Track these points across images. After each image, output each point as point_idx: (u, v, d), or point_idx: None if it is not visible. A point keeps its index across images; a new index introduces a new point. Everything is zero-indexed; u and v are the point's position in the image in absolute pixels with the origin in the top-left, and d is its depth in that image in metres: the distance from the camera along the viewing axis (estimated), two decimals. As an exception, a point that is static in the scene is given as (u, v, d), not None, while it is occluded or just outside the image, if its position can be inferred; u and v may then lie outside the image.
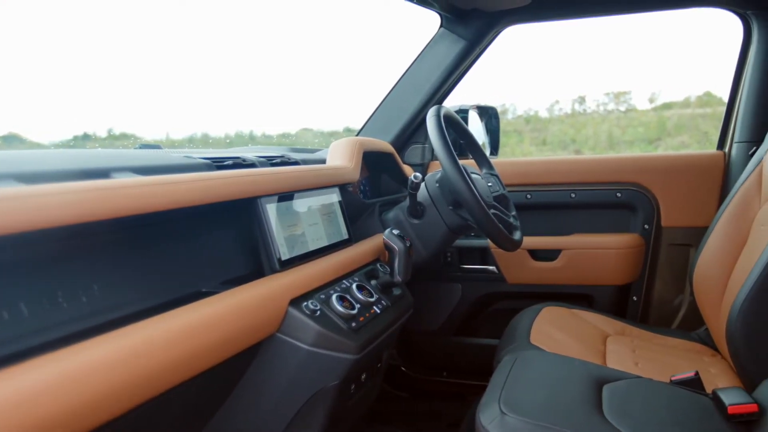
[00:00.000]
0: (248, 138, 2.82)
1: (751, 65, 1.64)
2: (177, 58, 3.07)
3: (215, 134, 2.60)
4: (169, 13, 2.84)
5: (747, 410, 0.98)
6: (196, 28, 3.05)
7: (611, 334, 1.53)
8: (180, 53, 3.12)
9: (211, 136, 2.51)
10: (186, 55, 3.18)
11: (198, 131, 2.49)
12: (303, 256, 1.08)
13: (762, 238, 1.26)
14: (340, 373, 1.01)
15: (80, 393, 0.59)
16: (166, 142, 1.82)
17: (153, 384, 0.70)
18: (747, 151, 1.64)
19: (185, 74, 3.17)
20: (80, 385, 0.59)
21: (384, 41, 6.31)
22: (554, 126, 6.66)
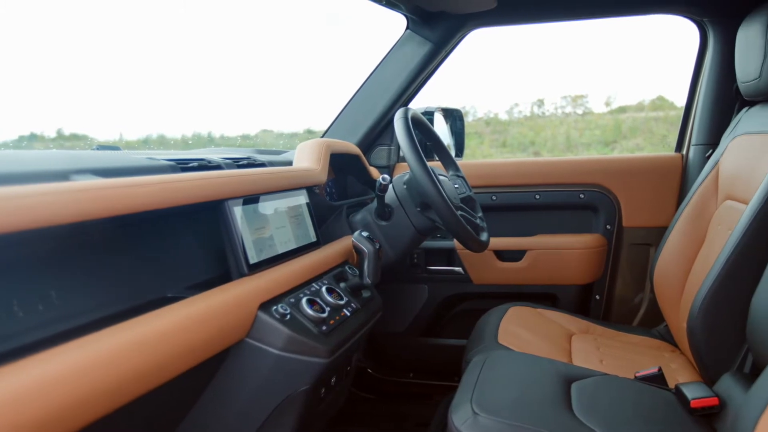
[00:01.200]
0: (207, 139, 2.77)
1: (707, 71, 1.70)
2: (129, 57, 2.98)
3: (172, 135, 2.54)
4: (123, 11, 2.76)
5: (708, 404, 1.01)
6: (150, 28, 2.97)
7: (576, 333, 1.56)
8: (132, 53, 3.04)
9: (167, 137, 2.45)
10: (139, 55, 3.10)
11: (153, 132, 2.43)
12: (271, 259, 1.06)
13: (719, 237, 1.30)
14: (311, 378, 1.00)
15: (39, 407, 0.56)
16: (120, 143, 1.77)
17: (117, 395, 0.67)
18: (704, 153, 1.70)
19: (139, 74, 3.08)
20: (39, 400, 0.56)
21: (346, 42, 6.29)
22: (514, 128, 6.78)
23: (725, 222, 1.31)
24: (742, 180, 1.28)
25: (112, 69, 2.79)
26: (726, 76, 1.64)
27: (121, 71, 2.88)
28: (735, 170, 1.33)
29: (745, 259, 1.12)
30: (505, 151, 6.33)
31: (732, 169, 1.35)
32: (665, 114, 6.47)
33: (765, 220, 1.09)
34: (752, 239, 1.11)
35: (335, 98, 1.95)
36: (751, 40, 1.26)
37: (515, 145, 6.44)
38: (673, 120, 6.35)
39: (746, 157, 1.30)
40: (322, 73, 5.84)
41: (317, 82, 5.35)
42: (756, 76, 1.25)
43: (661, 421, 0.98)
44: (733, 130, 1.44)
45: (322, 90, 5.35)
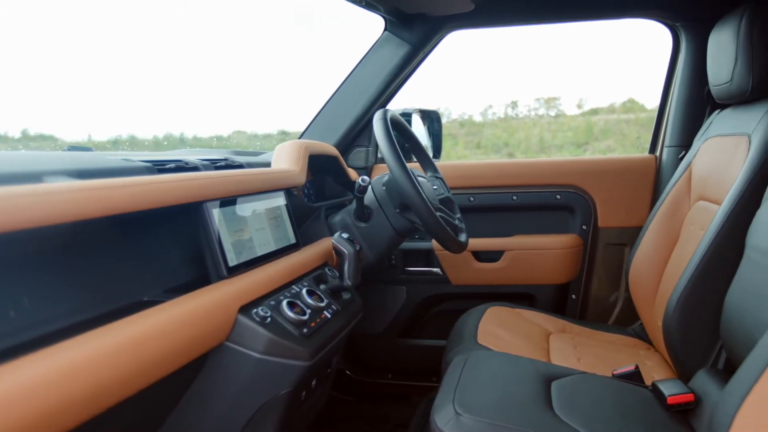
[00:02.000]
0: (179, 140, 2.72)
1: (680, 74, 1.74)
2: (97, 56, 2.91)
3: (142, 136, 2.49)
4: (91, 9, 2.70)
5: (684, 400, 1.04)
6: (119, 26, 2.91)
7: (553, 332, 1.58)
8: (98, 51, 2.96)
9: (138, 138, 2.40)
10: (106, 54, 3.02)
11: (123, 133, 2.38)
12: (251, 261, 1.05)
13: (692, 237, 1.33)
14: (292, 381, 0.99)
15: (8, 419, 0.54)
16: (88, 144, 1.72)
17: (91, 405, 0.65)
18: (677, 155, 1.74)
19: (107, 73, 3.01)
20: (8, 411, 0.54)
21: (321, 43, 6.27)
22: (488, 130, 6.83)
23: (698, 222, 1.33)
24: (714, 181, 1.31)
25: (78, 68, 2.72)
26: (698, 80, 1.68)
27: (88, 70, 2.82)
28: (707, 171, 1.37)
29: (719, 259, 1.14)
30: (480, 153, 6.37)
31: (704, 170, 1.38)
32: (636, 116, 6.60)
33: (737, 220, 1.12)
34: (725, 239, 1.14)
35: (309, 99, 1.93)
36: (722, 45, 1.30)
37: (489, 147, 6.50)
38: (643, 122, 6.50)
39: (718, 159, 1.33)
40: (297, 75, 5.80)
41: (291, 83, 5.32)
42: (727, 79, 1.28)
43: (640, 418, 1.00)
44: (705, 132, 1.47)
45: (296, 91, 5.32)
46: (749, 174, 1.13)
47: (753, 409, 0.68)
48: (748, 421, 0.69)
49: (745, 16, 1.21)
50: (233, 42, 4.47)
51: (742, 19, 1.21)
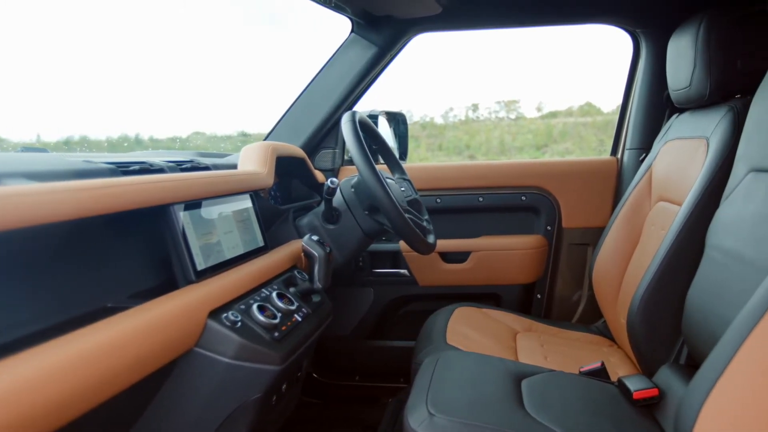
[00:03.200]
0: (134, 141, 2.65)
1: (640, 79, 1.79)
2: (42, 53, 2.79)
3: (95, 137, 2.40)
4: (38, 3, 2.59)
5: (649, 395, 1.07)
6: (67, 20, 2.79)
7: (520, 331, 1.60)
8: (46, 48, 2.84)
9: (90, 138, 2.32)
10: (55, 51, 2.90)
11: (74, 133, 2.29)
12: (219, 265, 1.03)
13: (653, 236, 1.38)
14: (263, 386, 0.97)
15: None
16: (38, 145, 1.66)
17: (52, 418, 0.62)
18: (637, 157, 1.79)
19: (56, 71, 2.89)
20: None
21: (283, 44, 6.21)
22: (449, 132, 6.90)
23: (659, 222, 1.38)
24: (674, 182, 1.35)
25: (23, 65, 2.60)
26: (657, 84, 1.74)
27: (35, 68, 2.70)
28: (667, 173, 1.41)
29: (680, 258, 1.18)
30: (441, 155, 6.44)
31: (664, 172, 1.43)
32: (593, 119, 6.79)
33: (697, 220, 1.16)
34: (686, 238, 1.18)
35: (270, 101, 1.91)
36: (681, 51, 1.34)
37: (451, 149, 6.56)
38: (599, 125, 6.68)
39: (677, 161, 1.37)
40: (257, 76, 5.73)
41: (251, 85, 5.24)
42: (686, 84, 1.32)
43: (607, 414, 1.02)
44: (665, 135, 1.52)
45: (256, 92, 5.24)
46: (708, 175, 1.17)
47: (717, 403, 0.71)
48: (713, 415, 0.71)
49: (702, 23, 1.25)
50: (190, 41, 4.38)
51: (700, 27, 1.26)
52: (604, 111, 6.51)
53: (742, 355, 0.69)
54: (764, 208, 0.94)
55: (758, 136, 1.04)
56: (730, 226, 1.04)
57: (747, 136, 1.09)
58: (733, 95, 1.26)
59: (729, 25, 1.23)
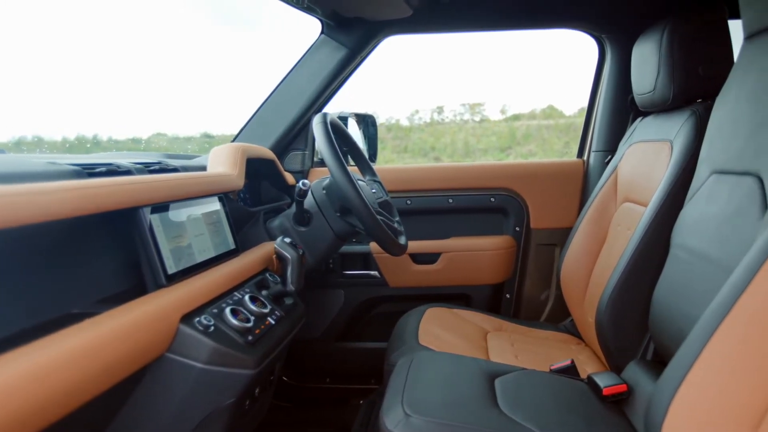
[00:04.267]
0: (92, 142, 2.57)
1: (605, 83, 1.84)
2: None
3: (50, 137, 2.31)
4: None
5: (618, 390, 1.10)
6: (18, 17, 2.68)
7: (490, 331, 1.62)
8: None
9: (44, 139, 2.24)
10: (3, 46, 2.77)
11: (27, 133, 2.21)
12: (190, 268, 1.01)
13: (619, 236, 1.41)
14: (237, 390, 0.96)
15: None
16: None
17: (17, 429, 0.60)
18: (603, 159, 1.83)
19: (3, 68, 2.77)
20: None
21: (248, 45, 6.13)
22: (415, 134, 6.95)
23: (624, 222, 1.41)
24: (639, 184, 1.39)
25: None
26: (622, 88, 1.79)
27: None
28: (632, 175, 1.45)
29: (646, 257, 1.22)
30: (407, 157, 6.47)
31: (629, 173, 1.47)
32: (555, 122, 6.93)
33: (663, 220, 1.20)
34: (652, 238, 1.21)
35: (234, 102, 1.87)
36: (645, 56, 1.38)
37: (416, 151, 6.60)
38: (562, 128, 6.82)
39: (642, 163, 1.41)
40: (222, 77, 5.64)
41: (215, 85, 5.15)
42: (650, 89, 1.37)
43: (579, 410, 1.05)
44: (629, 138, 1.56)
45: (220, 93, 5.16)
46: (673, 177, 1.21)
47: (686, 398, 0.73)
48: (682, 409, 0.73)
49: (666, 30, 1.30)
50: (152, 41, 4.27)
51: (664, 33, 1.30)
52: (566, 114, 6.65)
53: (708, 351, 0.72)
54: (727, 208, 0.98)
55: (720, 139, 1.08)
56: (695, 226, 1.07)
57: (709, 139, 1.13)
58: (696, 99, 1.31)
59: (691, 32, 1.27)
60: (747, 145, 0.97)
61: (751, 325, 0.68)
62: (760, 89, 0.96)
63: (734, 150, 1.01)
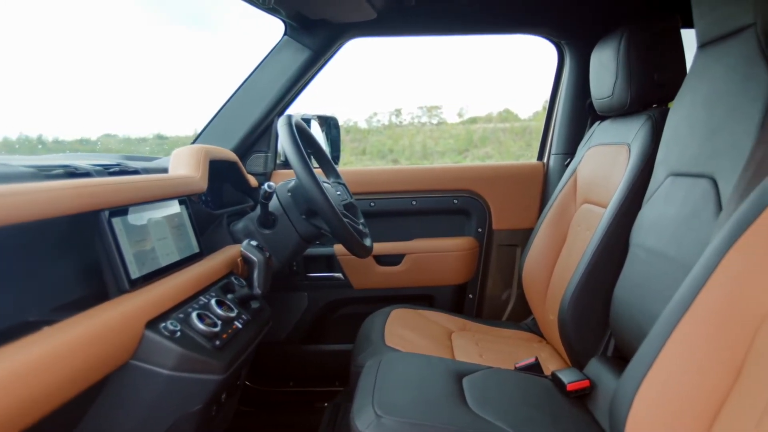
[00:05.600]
0: (37, 143, 2.47)
1: (564, 87, 1.89)
2: None
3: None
4: None
5: (582, 386, 1.13)
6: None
7: (455, 330, 1.64)
8: None
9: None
10: None
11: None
12: (154, 273, 0.99)
13: (579, 236, 1.45)
14: (204, 397, 0.94)
15: None
16: None
17: None
18: (563, 162, 1.88)
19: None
20: None
21: (202, 45, 6.01)
22: (373, 137, 6.96)
23: (584, 223, 1.46)
24: (597, 186, 1.44)
25: None
26: (580, 93, 1.84)
27: None
28: (591, 177, 1.50)
29: (607, 257, 1.26)
30: (365, 159, 6.47)
31: (588, 176, 1.51)
32: (511, 125, 7.07)
33: (622, 221, 1.24)
34: (612, 238, 1.25)
35: (189, 103, 1.83)
36: (604, 62, 1.43)
37: (375, 153, 6.62)
38: (518, 131, 6.96)
39: (601, 166, 1.46)
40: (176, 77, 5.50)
41: (169, 86, 5.02)
42: (609, 94, 1.41)
43: (544, 406, 1.07)
44: (588, 141, 1.61)
45: (174, 94, 5.02)
46: (631, 179, 1.25)
47: (649, 392, 0.76)
48: (645, 403, 0.76)
49: (623, 38, 1.34)
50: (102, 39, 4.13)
51: (621, 41, 1.35)
52: (521, 117, 6.80)
53: (669, 347, 0.75)
54: (683, 209, 1.02)
55: (676, 143, 1.12)
56: (653, 226, 1.12)
57: (665, 143, 1.17)
58: (651, 105, 1.36)
59: (647, 41, 1.33)
60: (702, 148, 1.01)
61: (709, 322, 0.71)
62: (714, 96, 1.01)
63: (689, 153, 1.05)
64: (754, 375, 0.64)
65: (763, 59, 0.90)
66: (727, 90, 0.97)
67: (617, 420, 0.78)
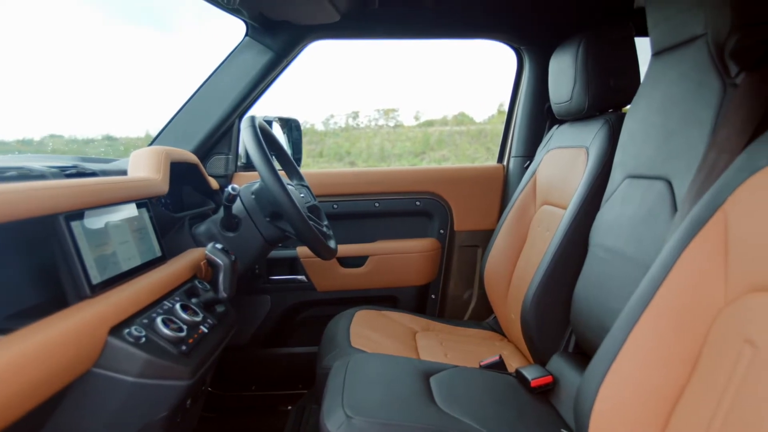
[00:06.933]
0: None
1: (523, 92, 1.93)
2: None
3: None
4: None
5: (545, 382, 1.16)
6: None
7: (419, 331, 1.65)
8: None
9: None
10: None
11: None
12: (116, 278, 0.96)
13: (539, 237, 1.49)
14: (170, 403, 0.92)
15: None
16: None
17: None
18: (522, 164, 1.93)
19: None
20: None
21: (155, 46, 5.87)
22: (330, 139, 6.96)
23: (544, 224, 1.50)
24: (556, 187, 1.48)
25: None
26: (539, 97, 1.89)
27: None
28: (550, 179, 1.54)
29: (567, 256, 1.30)
30: (322, 161, 6.46)
31: (547, 178, 1.56)
32: (467, 128, 7.19)
33: (581, 221, 1.28)
34: (572, 239, 1.29)
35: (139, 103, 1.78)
36: (562, 68, 1.47)
37: (332, 155, 6.61)
38: (473, 134, 7.08)
39: (559, 168, 1.50)
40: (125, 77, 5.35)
41: (117, 86, 4.88)
42: (567, 98, 1.46)
43: (510, 402, 1.10)
44: (547, 144, 1.66)
45: (122, 94, 4.88)
46: (590, 181, 1.30)
47: (612, 386, 0.79)
48: (608, 397, 0.79)
49: (581, 44, 1.39)
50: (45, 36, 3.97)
51: (579, 47, 1.39)
52: (476, 121, 6.92)
53: (630, 342, 0.78)
54: (640, 210, 1.06)
55: (632, 146, 1.17)
56: (611, 226, 1.16)
57: (622, 146, 1.22)
58: (608, 109, 1.41)
59: (604, 48, 1.38)
60: (657, 152, 1.06)
61: (668, 317, 0.74)
62: (668, 101, 1.06)
63: (646, 156, 1.10)
64: (710, 365, 0.68)
65: (714, 68, 0.95)
66: (681, 96, 1.02)
67: (582, 413, 0.81)
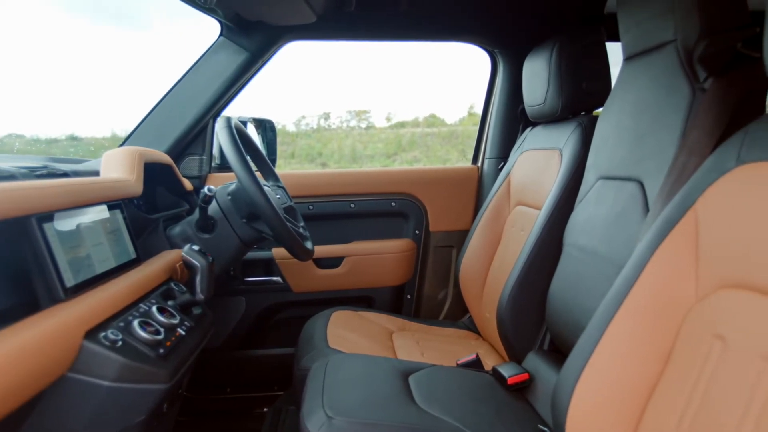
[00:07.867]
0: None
1: (497, 94, 1.96)
2: None
3: None
4: None
5: (521, 379, 1.18)
6: None
7: (395, 331, 1.66)
8: None
9: None
10: None
11: None
12: (91, 280, 0.94)
13: (514, 237, 1.52)
14: (148, 407, 0.91)
15: None
16: None
17: None
18: (496, 166, 1.95)
19: None
20: None
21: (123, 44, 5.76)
22: (302, 140, 6.92)
23: (518, 224, 1.52)
24: (530, 188, 1.51)
25: None
26: (513, 99, 1.92)
27: None
28: (524, 180, 1.56)
29: (542, 256, 1.32)
30: (294, 162, 6.42)
31: (521, 179, 1.58)
32: (438, 130, 7.23)
33: (556, 222, 1.31)
34: (547, 239, 1.32)
35: (103, 102, 1.74)
36: (536, 71, 1.50)
37: (304, 156, 6.58)
38: (444, 135, 7.13)
39: (533, 169, 1.53)
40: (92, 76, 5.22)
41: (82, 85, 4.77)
42: (541, 101, 1.48)
43: (488, 400, 1.11)
44: (521, 146, 1.68)
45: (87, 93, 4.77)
46: (563, 182, 1.32)
47: (588, 382, 0.81)
48: (585, 393, 0.81)
49: (555, 48, 1.42)
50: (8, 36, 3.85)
51: (553, 51, 1.42)
52: (447, 122, 6.98)
53: (605, 339, 0.80)
54: (613, 210, 1.09)
55: (605, 148, 1.20)
56: (585, 226, 1.19)
57: (595, 148, 1.25)
58: (580, 112, 1.44)
59: (576, 52, 1.41)
60: (629, 154, 1.09)
61: (642, 315, 0.77)
62: (640, 105, 1.09)
63: (618, 158, 1.13)
64: (682, 360, 0.70)
65: (684, 73, 0.98)
66: (653, 100, 1.05)
67: (559, 409, 0.83)
